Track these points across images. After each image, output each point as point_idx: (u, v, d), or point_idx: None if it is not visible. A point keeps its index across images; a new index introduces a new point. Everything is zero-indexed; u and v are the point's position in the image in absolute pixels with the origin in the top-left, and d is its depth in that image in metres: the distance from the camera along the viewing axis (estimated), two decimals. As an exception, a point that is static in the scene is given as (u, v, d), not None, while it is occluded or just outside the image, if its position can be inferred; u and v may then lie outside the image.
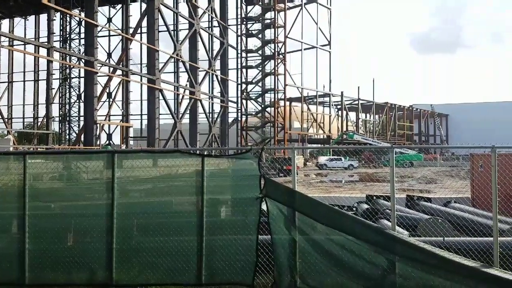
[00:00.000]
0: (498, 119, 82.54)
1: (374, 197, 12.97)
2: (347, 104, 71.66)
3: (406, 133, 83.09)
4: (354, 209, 11.86)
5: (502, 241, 6.91)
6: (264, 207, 6.74)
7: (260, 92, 60.58)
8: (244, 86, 59.53)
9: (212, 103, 49.53)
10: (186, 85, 44.67)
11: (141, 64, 48.97)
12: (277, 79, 57.14)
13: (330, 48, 66.40)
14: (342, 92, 68.31)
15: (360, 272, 6.48)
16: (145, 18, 37.71)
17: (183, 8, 44.45)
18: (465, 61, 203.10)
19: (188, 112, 43.27)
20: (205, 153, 7.74)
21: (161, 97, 37.25)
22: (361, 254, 6.48)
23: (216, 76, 49.13)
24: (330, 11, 67.37)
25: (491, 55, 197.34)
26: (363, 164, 48.48)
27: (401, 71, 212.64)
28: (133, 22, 42.18)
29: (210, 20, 49.55)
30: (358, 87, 70.46)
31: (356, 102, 72.51)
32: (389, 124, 78.75)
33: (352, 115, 78.28)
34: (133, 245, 7.01)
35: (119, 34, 43.81)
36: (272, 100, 58.58)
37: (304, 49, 62.36)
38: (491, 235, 6.71)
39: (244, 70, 59.59)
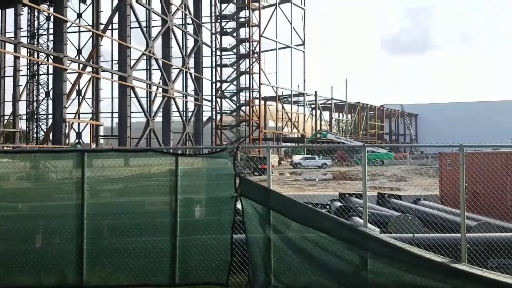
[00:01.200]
0: (466, 118, 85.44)
1: (347, 195, 13.19)
2: (320, 104, 72.55)
3: (377, 132, 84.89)
4: (328, 207, 12.02)
5: (469, 237, 7.14)
6: (239, 206, 6.73)
7: (235, 91, 60.52)
8: (218, 84, 59.29)
9: (186, 102, 49.05)
10: (159, 82, 44.04)
11: (112, 61, 47.96)
12: (252, 78, 57.25)
13: (304, 48, 67.02)
14: (316, 92, 69.17)
15: (333, 269, 6.56)
16: (117, 14, 36.93)
17: (156, 5, 43.84)
18: (434, 61, 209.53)
19: (161, 110, 42.65)
20: (179, 152, 7.64)
21: (133, 94, 36.58)
22: (334, 251, 6.57)
23: (190, 74, 48.66)
24: (304, 11, 68.00)
25: (459, 55, 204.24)
26: (336, 162, 49.19)
27: (373, 71, 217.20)
28: (104, 18, 41.24)
29: (183, 17, 49.03)
30: (332, 87, 71.93)
31: (330, 101, 73.55)
32: (361, 123, 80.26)
33: (326, 115, 79.44)
34: (104, 246, 6.87)
35: (90, 30, 42.74)
36: (247, 99, 58.63)
37: (279, 49, 62.73)
38: (459, 231, 6.92)
39: (218, 68, 59.34)
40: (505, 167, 11.14)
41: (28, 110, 42.61)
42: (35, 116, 42.58)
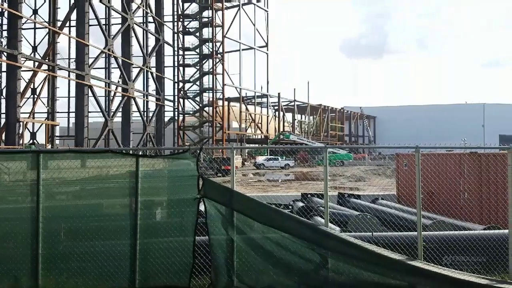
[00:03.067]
0: (422, 121, 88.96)
1: (309, 195, 13.42)
2: (284, 105, 73.28)
3: (337, 134, 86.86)
4: (290, 207, 12.16)
5: (425, 235, 7.43)
6: (202, 208, 6.66)
7: (198, 91, 59.95)
8: (181, 84, 58.51)
9: (147, 101, 48.08)
10: (118, 81, 42.93)
11: (69, 59, 46.32)
12: (215, 78, 56.90)
13: (267, 50, 67.53)
14: (279, 94, 69.81)
15: (295, 268, 6.64)
16: (75, 11, 35.68)
17: (116, 2, 42.69)
18: (391, 65, 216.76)
19: (120, 110, 41.55)
20: (140, 153, 7.47)
21: (90, 94, 35.45)
22: (296, 250, 6.65)
23: (151, 73, 47.74)
24: (267, 13, 68.50)
25: (415, 60, 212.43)
26: (299, 163, 49.90)
27: (334, 74, 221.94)
28: (61, 15, 39.71)
29: (144, 15, 48.08)
30: (294, 89, 72.58)
31: (292, 103, 74.40)
32: (322, 125, 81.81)
33: (289, 116, 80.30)
34: (60, 250, 6.63)
35: (46, 27, 41.02)
36: (210, 99, 58.22)
37: (242, 50, 62.84)
38: (416, 229, 7.18)
39: (181, 68, 58.58)
40: (458, 167, 11.69)
41: (-22, 109, 40.29)
42: (-14, 115, 40.30)
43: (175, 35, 56.70)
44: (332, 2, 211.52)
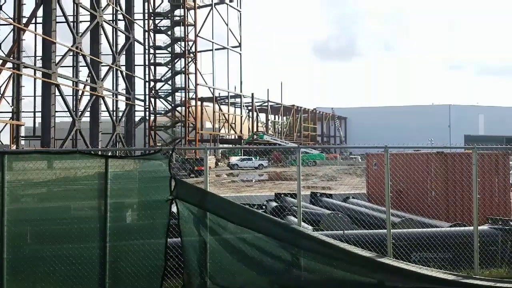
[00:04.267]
0: (391, 121, 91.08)
1: (282, 195, 13.50)
2: (257, 106, 73.44)
3: (310, 134, 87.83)
4: (264, 207, 12.19)
5: (394, 232, 7.61)
6: (174, 209, 6.58)
7: (170, 91, 59.21)
8: (152, 83, 57.64)
9: (117, 101, 47.11)
10: (86, 80, 41.86)
11: (35, 56, 44.78)
12: (188, 78, 56.37)
13: (240, 50, 67.49)
14: (252, 94, 69.90)
15: (268, 268, 6.66)
16: (41, 7, 34.56)
17: (85, -1, 41.61)
18: (360, 68, 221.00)
19: (88, 109, 40.52)
20: (109, 153, 7.30)
21: (57, 93, 34.42)
22: (270, 250, 6.67)
23: (121, 72, 46.81)
24: (240, 13, 68.45)
25: (384, 62, 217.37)
26: (273, 163, 50.13)
27: (306, 75, 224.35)
28: (27, 11, 38.39)
29: (114, 13, 47.10)
30: (268, 89, 73.18)
31: (266, 104, 74.65)
32: (295, 125, 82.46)
33: (262, 116, 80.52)
34: (26, 255, 6.41)
35: (10, 24, 39.52)
36: (183, 99, 57.62)
37: (215, 49, 62.55)
38: (385, 227, 7.34)
39: (152, 67, 57.72)
40: (426, 166, 12.03)
41: None
42: None
43: (146, 33, 55.80)
44: (301, 4, 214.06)
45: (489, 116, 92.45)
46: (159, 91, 59.37)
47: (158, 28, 58.31)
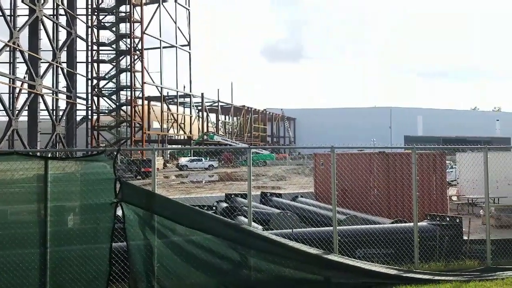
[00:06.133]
0: (337, 122, 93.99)
1: (233, 195, 13.50)
2: (207, 106, 72.86)
3: (260, 135, 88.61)
4: (214, 208, 12.12)
5: (340, 230, 7.85)
6: (119, 212, 6.36)
7: (115, 89, 57.17)
8: (95, 81, 55.36)
9: (57, 99, 44.75)
10: (24, 77, 39.40)
11: (-34, 51, 41.48)
12: (134, 76, 54.74)
13: (190, 49, 66.65)
14: (202, 94, 69.21)
15: (217, 269, 6.63)
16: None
17: (22, -9, 39.15)
18: (308, 70, 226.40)
19: (26, 108, 38.15)
20: (49, 155, 6.91)
21: (-8, 90, 32.14)
22: (219, 251, 6.64)
23: (62, 69, 44.56)
24: (189, 11, 67.66)
25: (333, 64, 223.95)
26: (223, 164, 49.96)
27: (256, 76, 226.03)
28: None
29: (55, 7, 44.73)
30: (218, 89, 72.72)
31: (216, 104, 74.28)
32: (246, 126, 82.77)
33: (213, 117, 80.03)
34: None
35: None
36: (128, 98, 55.86)
37: (163, 47, 61.31)
38: (332, 225, 7.55)
39: (95, 64, 55.44)
40: (369, 165, 12.55)
41: None
42: None
43: (89, 29, 53.55)
44: (252, 4, 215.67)
45: (427, 117, 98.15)
46: (102, 89, 57.14)
47: (102, 24, 56.10)
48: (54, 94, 44.08)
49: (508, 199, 14.09)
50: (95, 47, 55.38)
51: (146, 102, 58.41)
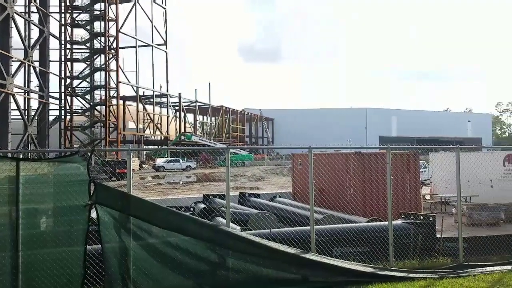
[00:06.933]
0: (315, 123, 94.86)
1: (211, 196, 13.41)
2: (185, 106, 72.22)
3: (239, 135, 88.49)
4: (192, 209, 12.02)
5: (317, 229, 7.92)
6: (94, 214, 6.22)
7: (89, 89, 55.98)
8: (68, 81, 54.06)
9: (29, 99, 43.51)
10: (-5, 76, 38.17)
11: None
12: (109, 75, 53.71)
13: (166, 48, 65.96)
14: (179, 94, 68.59)
15: (195, 270, 6.58)
16: None
17: (-8, -13, 37.88)
18: (287, 70, 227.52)
19: (-4, 108, 36.94)
20: (21, 156, 6.71)
21: (-40, 89, 30.97)
22: (197, 252, 6.59)
23: (34, 68, 43.37)
24: (165, 10, 66.97)
25: (310, 65, 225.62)
26: (201, 165, 49.62)
27: (234, 76, 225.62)
28: None
29: (27, 4, 43.49)
30: (196, 89, 72.09)
31: (194, 104, 73.72)
32: (224, 126, 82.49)
33: (190, 117, 79.35)
34: None
35: None
36: (103, 97, 54.78)
37: (139, 46, 60.50)
38: (309, 224, 7.61)
39: (68, 63, 54.14)
40: (345, 165, 12.71)
41: None
42: None
43: (63, 27, 52.29)
44: (229, 4, 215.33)
45: (401, 118, 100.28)
46: (76, 88, 55.86)
47: (76, 22, 54.85)
48: (26, 94, 42.86)
49: (479, 197, 14.55)
50: (68, 46, 54.10)
51: (121, 101, 57.40)
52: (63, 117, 52.59)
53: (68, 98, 54.12)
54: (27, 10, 43.44)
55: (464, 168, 9.09)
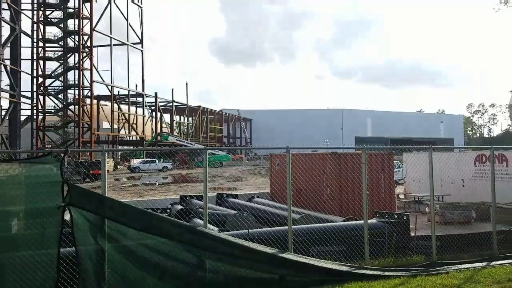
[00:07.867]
0: (292, 123, 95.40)
1: (188, 197, 13.29)
2: (161, 106, 71.36)
3: (216, 135, 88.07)
4: (168, 210, 11.88)
5: (294, 229, 7.97)
6: (68, 216, 6.07)
7: (62, 88, 54.65)
8: (41, 79, 52.65)
9: None
10: (-37, 74, 36.86)
11: None
12: (83, 74, 52.59)
13: (142, 47, 65.11)
14: (156, 93, 67.71)
15: (172, 273, 6.52)
16: None
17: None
18: (265, 71, 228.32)
19: (-35, 107, 35.72)
20: (-10, 156, 6.50)
21: None
22: (174, 254, 6.53)
23: (5, 66, 42.08)
24: (141, 9, 66.14)
25: (285, 68, 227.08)
26: (178, 165, 49.12)
27: (212, 76, 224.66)
28: None
29: (-3, 0, 42.19)
30: (172, 89, 71.50)
31: (171, 104, 72.97)
32: (201, 126, 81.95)
33: (167, 117, 78.50)
34: None
35: None
36: (77, 97, 53.58)
37: (114, 45, 59.48)
38: (287, 224, 7.65)
39: (41, 61, 52.74)
40: (322, 166, 12.85)
41: None
42: None
43: (35, 25, 50.90)
44: (204, 5, 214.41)
45: (376, 119, 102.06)
46: (48, 87, 54.46)
47: (48, 19, 53.47)
48: (-5, 93, 41.54)
49: (451, 197, 14.97)
50: (41, 44, 52.75)
51: (95, 101, 56.26)
52: (35, 117, 51.23)
53: (41, 97, 52.76)
54: (-3, 7, 42.16)
55: (436, 168, 9.32)
